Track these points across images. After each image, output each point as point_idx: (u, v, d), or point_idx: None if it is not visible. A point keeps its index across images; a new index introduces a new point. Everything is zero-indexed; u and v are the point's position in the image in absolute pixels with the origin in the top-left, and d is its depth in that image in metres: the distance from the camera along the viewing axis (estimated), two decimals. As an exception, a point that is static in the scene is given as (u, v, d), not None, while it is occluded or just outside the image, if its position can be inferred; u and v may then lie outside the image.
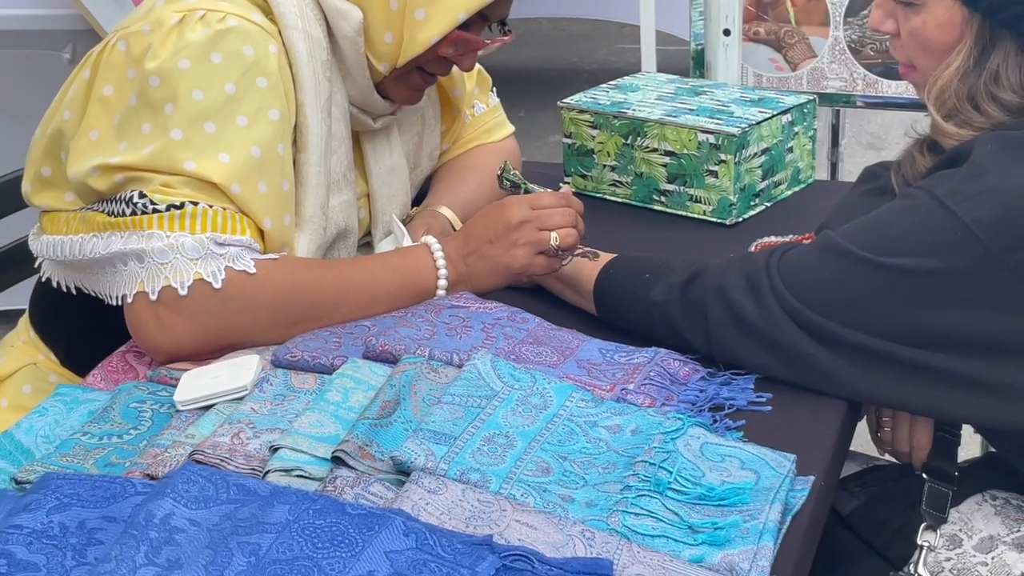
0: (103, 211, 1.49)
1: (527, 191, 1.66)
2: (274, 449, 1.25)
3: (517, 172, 1.70)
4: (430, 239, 1.59)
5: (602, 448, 1.28)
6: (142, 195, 1.44)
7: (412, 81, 1.65)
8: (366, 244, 1.79)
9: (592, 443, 1.29)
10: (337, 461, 1.22)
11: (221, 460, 1.24)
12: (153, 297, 1.43)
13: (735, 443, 1.29)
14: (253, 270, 1.45)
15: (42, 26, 3.12)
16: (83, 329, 1.65)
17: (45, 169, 1.60)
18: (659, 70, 2.77)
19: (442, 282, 1.57)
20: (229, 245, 1.45)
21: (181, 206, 1.44)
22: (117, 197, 1.47)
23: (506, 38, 1.65)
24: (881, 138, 4.85)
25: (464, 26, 1.57)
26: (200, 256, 1.43)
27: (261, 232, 1.50)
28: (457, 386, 1.33)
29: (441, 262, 1.57)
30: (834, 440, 1.36)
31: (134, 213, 1.44)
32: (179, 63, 1.45)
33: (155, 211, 1.43)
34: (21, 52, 3.16)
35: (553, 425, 1.30)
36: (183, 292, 1.42)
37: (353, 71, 1.62)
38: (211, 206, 1.44)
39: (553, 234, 1.56)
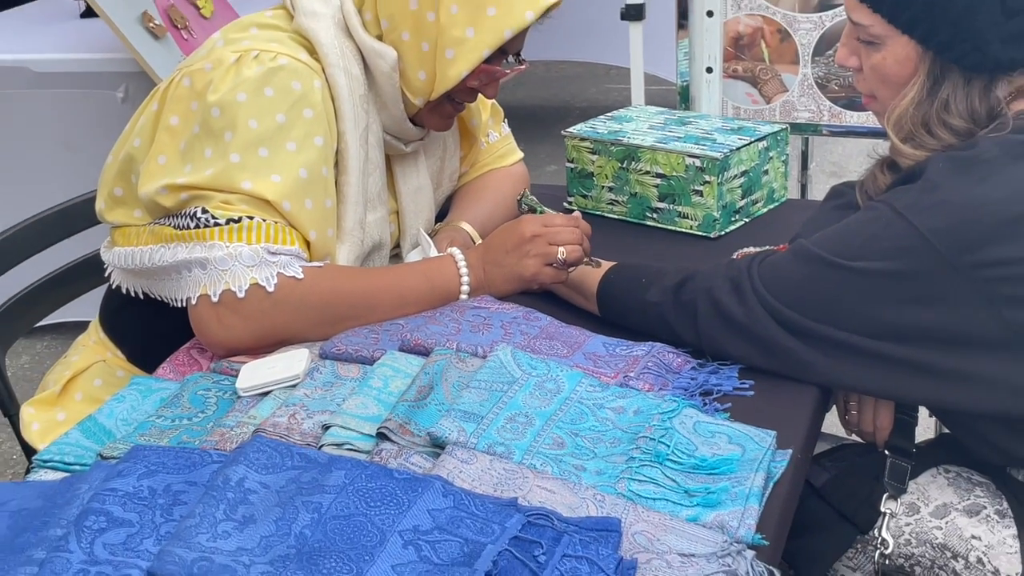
0: (170, 225, 1.53)
1: (542, 213, 1.70)
2: (326, 427, 1.30)
3: (534, 198, 1.74)
4: (455, 250, 1.64)
5: (608, 426, 1.33)
6: (204, 211, 1.49)
7: (444, 110, 1.69)
8: (395, 256, 1.83)
9: (600, 422, 1.34)
10: (381, 436, 1.28)
11: (281, 436, 1.29)
12: (215, 299, 1.48)
13: (723, 422, 1.34)
14: (301, 276, 1.49)
15: (98, 68, 3.15)
16: (146, 330, 1.70)
17: (117, 189, 1.66)
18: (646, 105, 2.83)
19: (465, 287, 1.62)
20: (280, 254, 1.49)
21: (239, 220, 1.48)
22: (182, 212, 1.52)
23: (522, 67, 1.70)
24: (842, 166, 4.89)
25: (487, 59, 1.62)
26: (255, 264, 1.48)
27: (308, 243, 1.54)
28: (482, 373, 1.38)
29: (464, 269, 1.62)
30: (808, 420, 1.40)
31: (198, 226, 1.49)
32: (237, 96, 1.50)
33: (216, 224, 1.48)
34: (79, 92, 3.20)
35: (566, 407, 1.35)
36: (240, 295, 1.47)
37: (388, 103, 1.66)
38: (265, 220, 1.49)
39: (561, 249, 1.61)
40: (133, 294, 1.68)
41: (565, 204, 2.07)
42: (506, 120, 2.07)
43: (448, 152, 1.91)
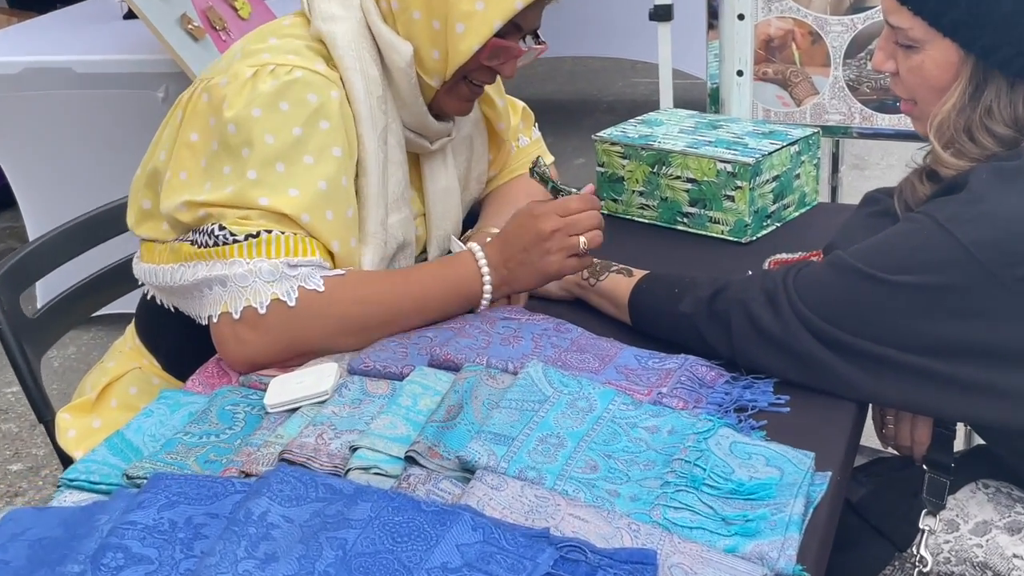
0: (190, 242, 1.47)
1: (554, 187, 1.59)
2: (353, 449, 1.21)
3: (547, 168, 1.63)
4: (474, 245, 1.54)
5: (642, 447, 1.24)
6: (222, 227, 1.42)
7: (461, 92, 1.60)
8: (422, 258, 1.75)
9: (633, 442, 1.25)
10: (410, 460, 1.19)
11: (308, 459, 1.21)
12: (236, 316, 1.40)
13: (760, 442, 1.25)
14: (322, 288, 1.42)
15: (139, 69, 3.10)
16: (181, 340, 1.62)
17: (145, 202, 1.58)
18: (674, 102, 2.73)
19: (487, 287, 1.52)
20: (301, 266, 1.42)
21: (257, 235, 1.41)
22: (201, 229, 1.45)
23: (541, 47, 1.60)
24: (863, 159, 4.78)
25: (500, 35, 1.52)
26: (276, 278, 1.41)
27: (331, 253, 1.47)
28: (513, 392, 1.29)
29: (485, 269, 1.51)
30: (846, 438, 1.32)
31: (216, 244, 1.42)
32: (252, 111, 1.43)
33: (235, 241, 1.41)
34: (121, 92, 3.14)
35: (598, 426, 1.26)
36: (262, 311, 1.40)
37: (407, 99, 1.58)
38: (283, 232, 1.42)
39: (582, 239, 1.51)
40: (166, 307, 1.60)
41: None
42: (536, 124, 1.98)
43: (476, 154, 1.83)
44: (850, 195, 2.32)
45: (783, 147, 1.84)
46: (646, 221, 1.92)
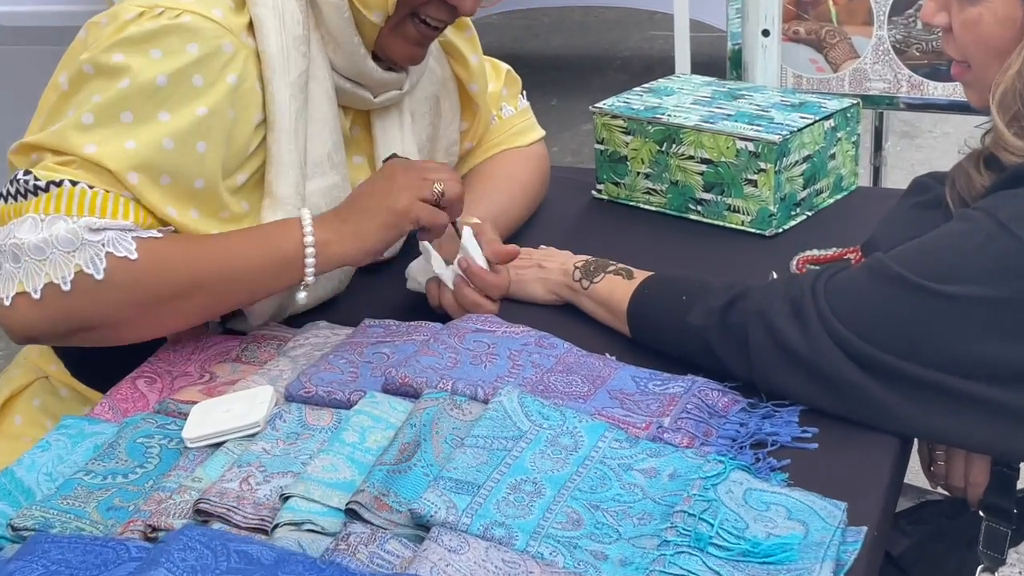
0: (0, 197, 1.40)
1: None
2: (285, 497, 1.13)
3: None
4: (303, 209, 1.44)
5: (637, 495, 1.15)
6: (28, 172, 1.36)
7: (408, 32, 1.52)
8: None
9: (626, 489, 1.16)
10: (351, 513, 1.10)
11: (228, 509, 1.13)
12: (36, 296, 1.32)
13: (781, 489, 1.17)
14: (135, 255, 1.34)
15: (71, 23, 2.99)
16: None
17: None
18: (692, 59, 2.66)
19: (308, 239, 1.39)
20: (107, 230, 1.34)
21: (60, 184, 1.34)
22: (13, 178, 1.38)
23: None
24: (914, 125, 4.68)
25: None
26: (76, 247, 1.32)
27: (161, 220, 1.39)
28: (482, 426, 1.20)
29: (307, 220, 1.40)
30: (886, 482, 1.24)
31: (18, 195, 1.35)
32: (114, 56, 1.36)
33: (37, 190, 1.34)
34: (52, 49, 3.05)
35: (584, 469, 1.18)
36: (66, 287, 1.32)
37: (340, 38, 1.50)
38: (92, 187, 1.35)
39: (436, 183, 1.44)
40: None
41: (593, 192, 1.92)
42: (524, 92, 1.90)
43: (444, 119, 1.74)
44: (897, 172, 2.24)
45: (816, 122, 1.78)
46: (652, 209, 1.86)
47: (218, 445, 1.24)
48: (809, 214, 1.82)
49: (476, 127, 1.79)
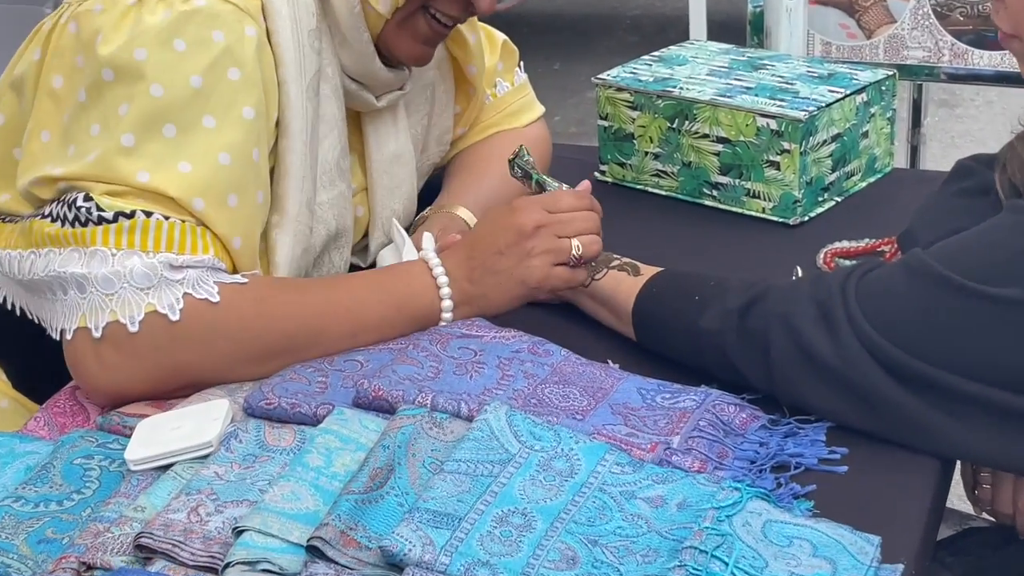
0: (42, 216, 1.36)
1: (539, 183, 1.51)
2: (239, 531, 1.09)
3: (532, 159, 1.54)
4: (428, 252, 1.45)
5: (641, 528, 1.11)
6: (88, 198, 1.31)
7: (418, 28, 1.49)
8: (364, 247, 1.66)
9: (629, 521, 1.12)
10: (314, 551, 1.06)
11: (174, 545, 1.09)
12: (96, 334, 1.29)
13: (805, 521, 1.13)
14: (217, 298, 1.31)
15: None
16: (32, 347, 1.49)
17: None
18: (709, 19, 2.64)
19: (446, 303, 1.41)
20: (188, 267, 1.31)
21: (132, 215, 1.31)
22: (60, 200, 1.35)
23: None
24: (954, 94, 4.65)
25: None
26: (152, 284, 1.30)
27: (227, 250, 1.37)
28: (464, 449, 1.16)
29: (443, 280, 1.42)
30: (926, 511, 1.21)
31: (76, 221, 1.31)
32: (135, 52, 1.32)
33: (101, 220, 1.31)
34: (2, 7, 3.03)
35: (581, 497, 1.14)
36: (133, 328, 1.29)
37: (348, 34, 1.48)
38: (167, 218, 1.32)
39: (574, 241, 1.42)
40: (10, 307, 1.49)
41: (596, 174, 1.90)
42: (522, 64, 1.87)
43: (438, 106, 1.72)
44: (935, 145, 2.20)
45: (847, 96, 1.77)
46: (661, 194, 1.86)
47: (165, 468, 1.21)
48: (838, 200, 1.81)
49: (471, 111, 1.77)
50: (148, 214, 1.30)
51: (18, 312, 1.47)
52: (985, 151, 1.52)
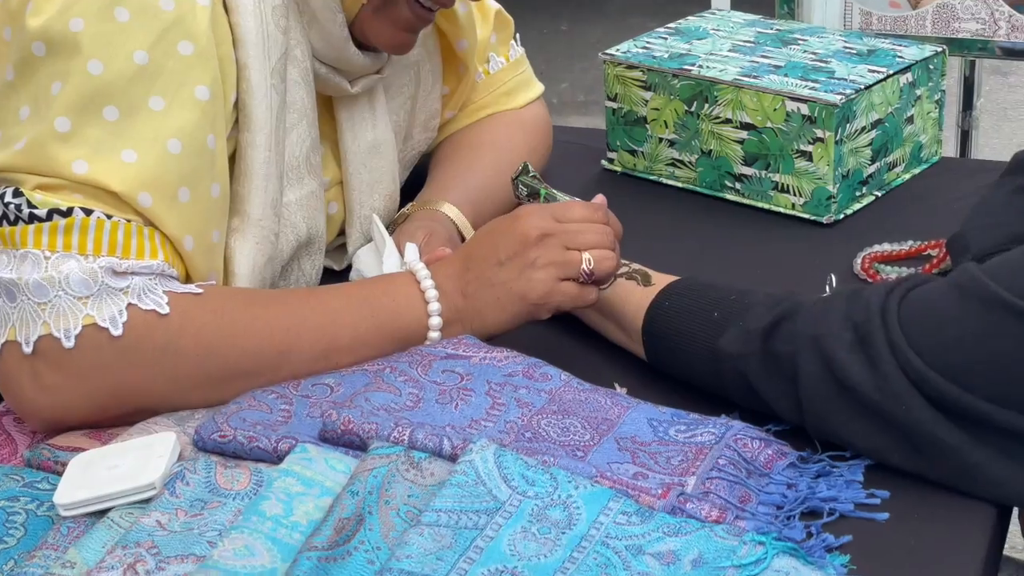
0: None
1: (549, 199, 1.49)
2: None
3: (537, 176, 1.53)
4: (416, 262, 1.42)
5: None
6: (17, 193, 1.29)
7: (399, 14, 1.47)
8: (339, 247, 1.64)
9: None
10: None
11: None
12: (27, 349, 1.26)
13: None
14: (166, 309, 1.29)
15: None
16: None
17: None
18: None
19: (434, 320, 1.38)
20: (133, 274, 1.28)
21: (68, 213, 1.28)
22: None
23: None
24: (1007, 60, 4.63)
25: None
26: (92, 292, 1.27)
27: (179, 253, 1.34)
28: (446, 495, 1.13)
29: (432, 293, 1.38)
30: (980, 564, 1.17)
31: (4, 219, 1.29)
32: (70, 23, 1.29)
33: (33, 218, 1.28)
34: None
35: (580, 553, 1.10)
36: (68, 343, 1.26)
37: (319, 12, 1.46)
38: (109, 216, 1.29)
39: (585, 255, 1.38)
40: None
41: (603, 163, 1.89)
42: (518, 36, 1.85)
43: (423, 88, 1.70)
44: (985, 118, 2.15)
45: (889, 76, 1.75)
46: (678, 185, 1.85)
47: (101, 514, 1.17)
48: (878, 195, 1.79)
49: (461, 91, 1.75)
50: (87, 212, 1.28)
51: None
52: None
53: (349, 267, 1.59)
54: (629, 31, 2.13)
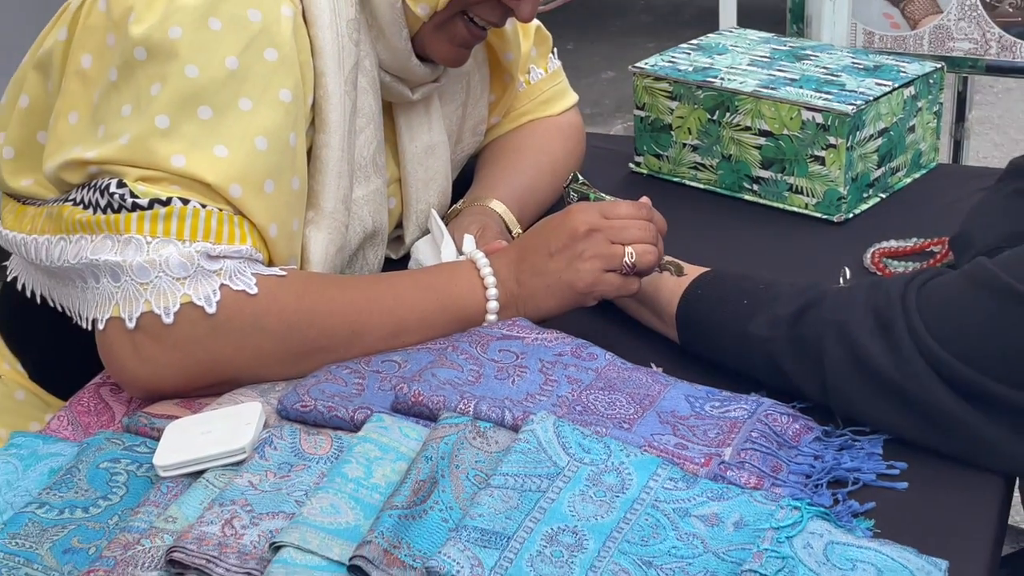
0: (73, 202, 1.31)
1: (597, 201, 1.46)
2: (276, 547, 1.03)
3: (586, 183, 1.50)
4: (475, 251, 1.40)
5: (697, 548, 1.06)
6: (121, 184, 1.27)
7: (456, 32, 1.46)
8: (396, 239, 1.61)
9: (684, 541, 1.06)
10: (356, 570, 1.01)
11: (208, 560, 1.03)
12: (131, 324, 1.25)
13: (868, 542, 1.07)
14: (255, 290, 1.27)
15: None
16: (54, 339, 1.47)
17: (7, 150, 1.43)
18: (740, 10, 2.57)
19: (492, 304, 1.36)
20: (225, 258, 1.27)
21: (168, 202, 1.26)
22: (91, 185, 1.30)
23: None
24: (973, 81, 4.59)
25: None
26: (189, 274, 1.25)
27: (264, 240, 1.32)
28: (511, 462, 1.11)
29: (490, 280, 1.37)
30: (992, 532, 1.15)
31: (109, 208, 1.27)
32: (169, 31, 1.27)
33: (136, 207, 1.26)
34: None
35: (633, 515, 1.08)
36: (168, 319, 1.24)
37: (387, 28, 1.44)
38: (204, 206, 1.27)
39: (628, 249, 1.36)
40: (30, 295, 1.45)
41: (631, 165, 1.86)
42: (555, 51, 1.82)
43: (472, 96, 1.67)
44: (981, 151, 2.13)
45: (895, 89, 1.72)
46: (700, 187, 1.81)
47: (196, 475, 1.15)
48: (883, 196, 1.76)
49: (506, 99, 1.72)
50: (184, 201, 1.26)
51: (39, 300, 1.43)
52: (1006, 140, 1.47)
53: (406, 256, 1.57)
54: (629, 50, 2.11)
